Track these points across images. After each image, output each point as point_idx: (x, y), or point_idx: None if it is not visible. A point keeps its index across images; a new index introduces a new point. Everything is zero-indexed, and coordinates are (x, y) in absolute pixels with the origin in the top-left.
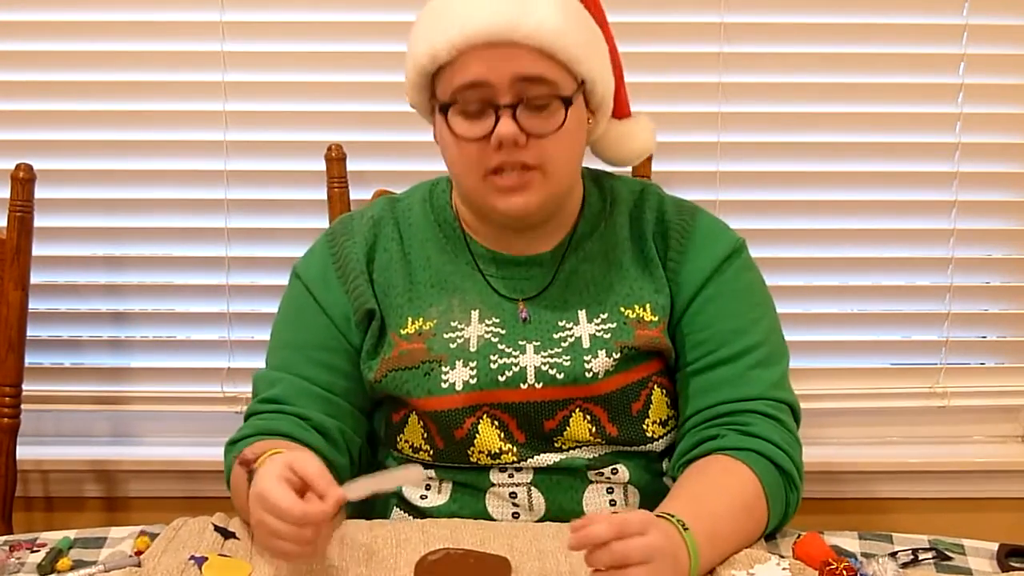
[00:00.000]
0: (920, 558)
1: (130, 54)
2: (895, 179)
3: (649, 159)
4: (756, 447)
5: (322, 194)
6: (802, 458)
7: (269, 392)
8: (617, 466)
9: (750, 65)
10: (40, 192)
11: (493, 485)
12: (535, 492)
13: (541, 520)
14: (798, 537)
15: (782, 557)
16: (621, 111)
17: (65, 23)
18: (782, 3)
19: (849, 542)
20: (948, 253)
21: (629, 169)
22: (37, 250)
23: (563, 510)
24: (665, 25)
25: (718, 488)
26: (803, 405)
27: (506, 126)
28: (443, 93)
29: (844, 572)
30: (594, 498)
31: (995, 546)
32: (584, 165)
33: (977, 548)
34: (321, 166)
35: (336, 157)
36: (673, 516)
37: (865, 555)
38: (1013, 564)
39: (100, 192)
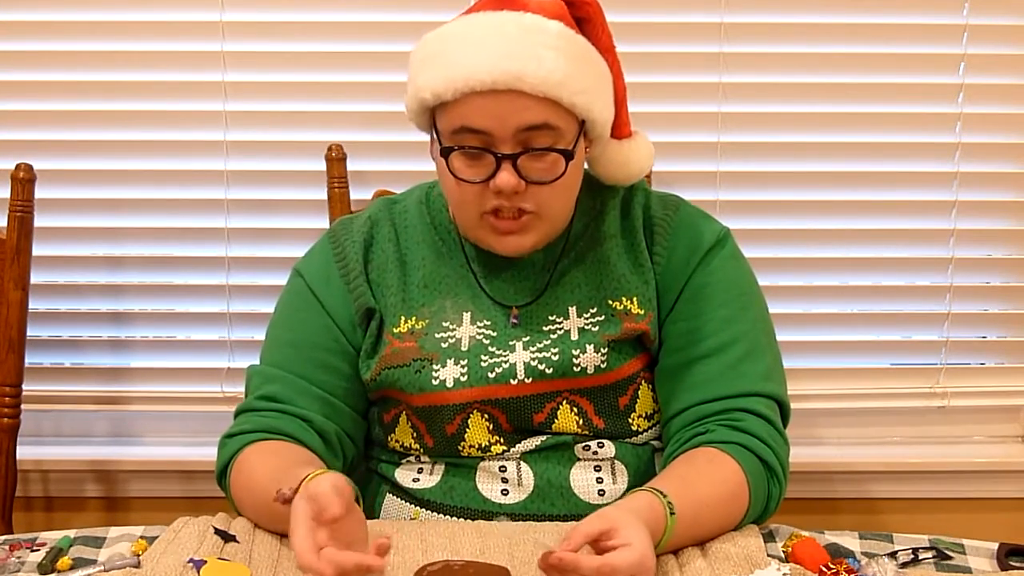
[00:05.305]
0: (920, 558)
1: (130, 54)
2: (895, 179)
3: None
4: (742, 441)
5: (322, 194)
6: (788, 454)
7: (267, 389)
8: (603, 440)
9: (750, 65)
10: (40, 192)
11: (483, 460)
12: (524, 467)
13: (530, 496)
14: (793, 537)
15: (782, 561)
16: (620, 132)
17: (65, 23)
18: (782, 3)
19: (849, 542)
20: (948, 253)
21: None
22: (37, 250)
23: (551, 484)
24: (665, 25)
25: (706, 476)
26: (803, 405)
27: (506, 177)
28: (444, 125)
29: (844, 573)
30: (581, 475)
31: (995, 546)
32: None
33: (977, 548)
34: (321, 166)
35: (336, 157)
36: (665, 496)
37: (865, 555)
38: (1013, 564)
39: (100, 192)
